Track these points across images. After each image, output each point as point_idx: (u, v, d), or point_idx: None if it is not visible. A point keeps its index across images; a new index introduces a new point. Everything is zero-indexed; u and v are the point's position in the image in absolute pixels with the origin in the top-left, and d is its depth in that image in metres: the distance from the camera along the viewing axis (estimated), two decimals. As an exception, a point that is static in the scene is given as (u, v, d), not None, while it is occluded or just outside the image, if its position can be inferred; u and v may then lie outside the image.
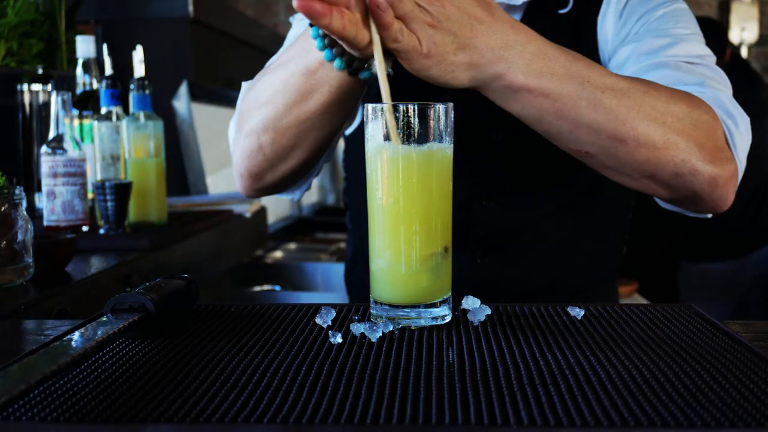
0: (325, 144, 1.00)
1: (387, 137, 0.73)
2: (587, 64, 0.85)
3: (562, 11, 1.08)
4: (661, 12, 1.03)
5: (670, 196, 0.93)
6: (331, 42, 0.83)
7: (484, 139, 1.11)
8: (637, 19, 1.04)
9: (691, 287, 3.13)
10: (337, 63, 0.85)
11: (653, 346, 0.67)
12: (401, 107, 0.72)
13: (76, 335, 0.65)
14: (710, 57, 1.01)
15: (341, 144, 1.27)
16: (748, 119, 0.94)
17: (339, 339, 0.68)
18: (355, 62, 0.84)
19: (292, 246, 2.70)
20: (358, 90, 0.92)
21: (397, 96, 0.76)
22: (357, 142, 1.21)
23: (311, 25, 0.83)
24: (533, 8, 1.09)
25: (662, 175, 0.88)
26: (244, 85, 1.07)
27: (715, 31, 3.15)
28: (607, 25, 1.08)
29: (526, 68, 0.81)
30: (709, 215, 1.01)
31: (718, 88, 0.96)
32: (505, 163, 1.12)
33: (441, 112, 0.73)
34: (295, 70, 0.92)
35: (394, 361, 0.63)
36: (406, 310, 0.74)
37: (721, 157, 0.90)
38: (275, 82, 0.95)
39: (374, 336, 0.69)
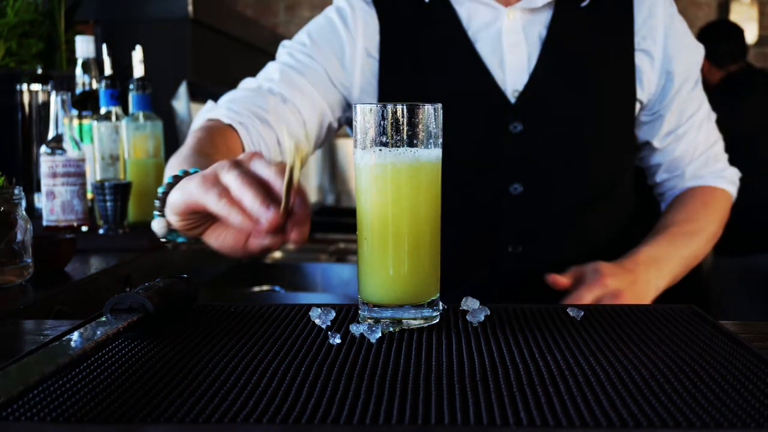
0: None
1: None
2: (683, 240, 1.19)
3: (583, 4, 1.18)
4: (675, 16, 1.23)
5: None
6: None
7: (503, 131, 1.16)
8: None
9: (726, 282, 3.08)
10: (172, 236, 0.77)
11: (653, 346, 0.67)
12: (389, 107, 0.71)
13: (75, 335, 0.65)
14: (712, 114, 1.28)
15: (338, 143, 1.27)
16: (739, 174, 1.31)
17: (338, 340, 0.68)
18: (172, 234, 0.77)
19: (292, 246, 2.70)
20: None
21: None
22: None
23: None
24: (558, 7, 1.18)
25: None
26: (246, 81, 1.10)
27: (738, 36, 3.15)
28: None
29: (664, 281, 1.17)
30: None
31: (727, 163, 1.30)
32: (526, 153, 1.17)
33: (430, 113, 0.73)
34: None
35: (393, 361, 0.63)
36: (393, 310, 0.74)
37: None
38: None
39: (373, 337, 0.69)
